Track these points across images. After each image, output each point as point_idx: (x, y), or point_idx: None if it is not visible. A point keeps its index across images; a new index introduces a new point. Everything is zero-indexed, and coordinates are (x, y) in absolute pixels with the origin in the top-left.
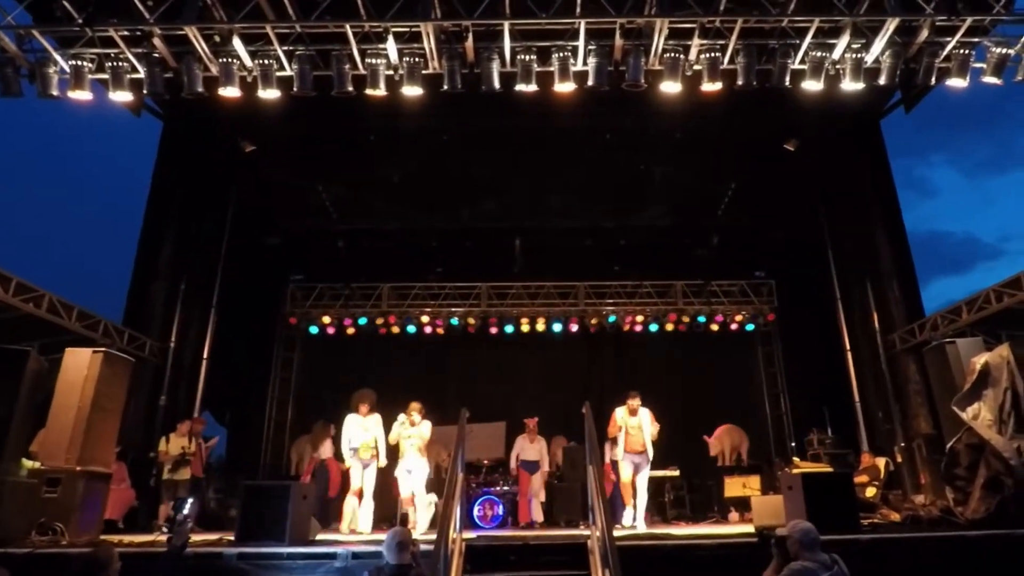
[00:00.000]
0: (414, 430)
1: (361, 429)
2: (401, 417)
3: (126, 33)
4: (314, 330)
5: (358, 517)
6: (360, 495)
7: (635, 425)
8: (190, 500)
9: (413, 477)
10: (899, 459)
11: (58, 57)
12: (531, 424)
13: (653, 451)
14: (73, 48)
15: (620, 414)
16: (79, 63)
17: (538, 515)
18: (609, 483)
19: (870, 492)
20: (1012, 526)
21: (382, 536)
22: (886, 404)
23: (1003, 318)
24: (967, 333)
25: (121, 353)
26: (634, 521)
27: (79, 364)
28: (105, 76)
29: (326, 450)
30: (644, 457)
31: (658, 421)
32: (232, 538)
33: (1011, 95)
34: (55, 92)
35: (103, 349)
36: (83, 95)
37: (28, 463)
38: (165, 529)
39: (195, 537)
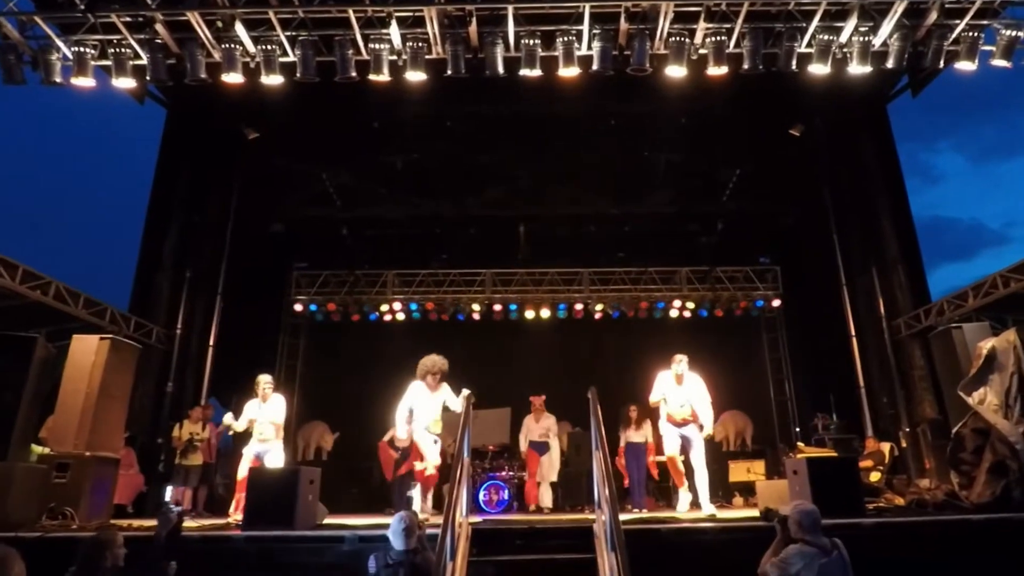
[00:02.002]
0: (266, 405)
1: (430, 401)
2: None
3: (128, 19)
4: (319, 317)
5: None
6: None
7: (682, 396)
8: (170, 488)
9: (267, 461)
10: (904, 444)
11: (61, 44)
12: (537, 402)
13: (711, 419)
14: (76, 35)
15: (665, 382)
16: (82, 50)
17: (546, 500)
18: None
19: (875, 477)
20: (1017, 510)
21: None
22: (891, 389)
23: (1010, 303)
24: (973, 318)
25: (128, 340)
26: (695, 505)
27: (86, 351)
28: (108, 63)
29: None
30: (694, 428)
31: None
32: (240, 522)
33: (1019, 79)
34: (58, 79)
35: (110, 336)
36: (86, 82)
37: (38, 449)
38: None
39: (203, 521)
